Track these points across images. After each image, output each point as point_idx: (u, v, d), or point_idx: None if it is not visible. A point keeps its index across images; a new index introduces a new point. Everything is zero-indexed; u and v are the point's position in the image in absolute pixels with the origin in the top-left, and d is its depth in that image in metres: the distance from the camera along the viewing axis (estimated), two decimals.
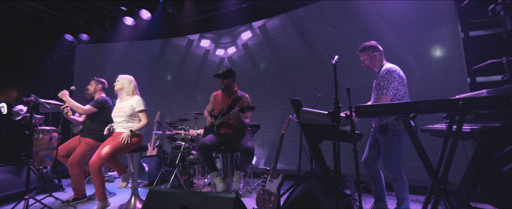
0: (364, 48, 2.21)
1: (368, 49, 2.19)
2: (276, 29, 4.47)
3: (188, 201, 1.80)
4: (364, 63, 2.24)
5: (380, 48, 2.20)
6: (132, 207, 2.65)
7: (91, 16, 4.68)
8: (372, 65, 2.20)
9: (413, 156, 2.21)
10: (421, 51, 3.12)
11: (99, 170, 2.53)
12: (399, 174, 2.01)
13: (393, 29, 3.32)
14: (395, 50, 3.27)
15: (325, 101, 3.57)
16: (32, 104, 2.65)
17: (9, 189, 2.95)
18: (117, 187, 3.51)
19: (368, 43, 2.20)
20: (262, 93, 4.48)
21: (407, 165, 2.85)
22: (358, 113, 1.65)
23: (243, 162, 2.42)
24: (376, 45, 2.20)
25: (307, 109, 2.09)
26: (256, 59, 4.64)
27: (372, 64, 2.20)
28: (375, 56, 2.18)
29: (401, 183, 2.01)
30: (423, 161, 1.55)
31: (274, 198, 2.27)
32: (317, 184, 2.14)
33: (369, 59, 2.20)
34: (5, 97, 6.90)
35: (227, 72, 2.68)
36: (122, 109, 2.68)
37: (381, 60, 2.19)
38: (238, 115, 2.38)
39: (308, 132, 2.26)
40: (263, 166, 4.25)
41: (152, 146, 4.45)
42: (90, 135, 2.90)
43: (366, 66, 2.24)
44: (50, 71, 5.87)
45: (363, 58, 2.23)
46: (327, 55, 3.89)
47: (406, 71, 2.18)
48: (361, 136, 2.17)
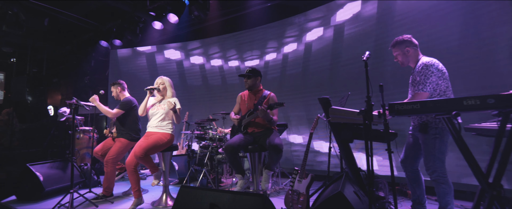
0: (396, 43, 2.09)
1: (400, 44, 2.07)
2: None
3: (218, 199, 1.83)
4: (397, 58, 2.11)
5: (414, 42, 2.06)
6: (163, 204, 2.76)
7: (123, 22, 4.97)
8: (405, 60, 2.08)
9: (458, 156, 2.04)
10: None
11: (135, 169, 2.66)
12: (442, 176, 1.85)
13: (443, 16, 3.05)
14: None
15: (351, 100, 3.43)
16: (74, 106, 2.87)
17: (57, 183, 3.24)
18: (149, 184, 3.67)
19: (400, 37, 2.08)
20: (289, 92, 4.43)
21: (453, 167, 2.67)
22: (392, 111, 1.56)
23: (271, 160, 2.41)
24: (410, 39, 2.06)
25: (337, 107, 2.03)
26: (287, 58, 4.59)
27: (405, 59, 2.07)
28: (408, 51, 2.05)
29: (445, 186, 1.85)
30: (470, 163, 1.42)
31: (303, 198, 2.23)
32: (348, 185, 2.06)
33: (401, 55, 2.07)
34: (51, 101, 7.58)
35: (251, 72, 2.68)
36: (161, 107, 2.81)
37: (415, 55, 2.06)
38: (266, 112, 2.37)
39: (338, 131, 2.19)
40: (289, 166, 4.21)
41: (181, 146, 4.60)
42: (123, 135, 3.07)
43: (399, 62, 2.11)
44: (88, 76, 6.33)
45: (396, 53, 2.11)
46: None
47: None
48: (396, 135, 2.05)
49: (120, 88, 3.26)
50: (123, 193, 3.29)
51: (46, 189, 3.05)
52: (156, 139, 2.66)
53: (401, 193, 2.86)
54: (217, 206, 1.81)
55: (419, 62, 1.97)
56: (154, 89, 2.82)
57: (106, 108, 3.03)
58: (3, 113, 7.79)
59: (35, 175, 3.03)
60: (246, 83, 2.71)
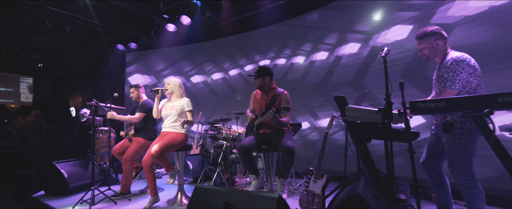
0: (424, 34, 1.89)
1: (429, 36, 1.86)
2: (314, 22, 4.31)
3: (232, 199, 1.82)
4: (422, 52, 1.93)
5: (444, 35, 1.88)
6: (178, 202, 2.79)
7: (138, 26, 5.10)
8: (432, 54, 1.89)
9: (491, 158, 1.90)
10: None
11: (151, 167, 2.71)
12: (470, 180, 1.70)
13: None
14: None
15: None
16: (93, 108, 2.98)
17: (80, 180, 3.40)
18: (165, 183, 3.74)
19: (429, 28, 1.88)
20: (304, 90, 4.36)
21: (485, 170, 2.49)
22: (413, 109, 1.48)
23: (284, 165, 2.35)
24: (440, 31, 1.87)
25: (354, 106, 1.95)
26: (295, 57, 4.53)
27: (432, 53, 1.89)
28: (438, 45, 1.85)
29: (474, 191, 1.69)
30: (507, 166, 1.30)
31: (318, 199, 2.17)
32: (366, 186, 1.98)
33: (429, 48, 1.88)
34: (73, 102, 7.95)
35: (258, 72, 2.63)
36: (173, 107, 2.84)
37: (444, 49, 1.87)
38: (275, 116, 2.32)
39: (355, 130, 2.11)
40: (304, 167, 4.14)
41: (195, 145, 4.66)
42: (140, 134, 3.17)
43: (424, 55, 1.93)
44: (106, 78, 6.57)
45: (422, 46, 1.91)
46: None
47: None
48: (418, 135, 1.93)
49: (141, 90, 3.39)
50: (140, 191, 3.37)
51: (70, 186, 3.21)
52: (171, 138, 2.70)
53: (424, 196, 2.70)
54: (232, 206, 1.79)
55: (447, 57, 1.81)
56: (158, 90, 2.86)
57: (128, 117, 3.16)
58: (32, 114, 8.28)
59: (60, 172, 3.20)
60: (255, 83, 2.68)
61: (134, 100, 3.38)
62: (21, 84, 7.98)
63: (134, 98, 3.36)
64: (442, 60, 1.87)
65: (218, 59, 5.56)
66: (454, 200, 2.01)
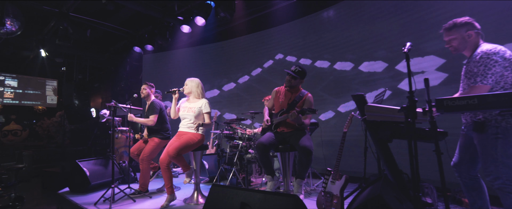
0: (454, 25, 1.74)
1: (460, 27, 1.72)
2: (330, 20, 4.22)
3: (248, 198, 1.80)
4: (450, 44, 1.78)
5: (477, 26, 1.72)
6: (195, 201, 2.81)
7: (153, 28, 5.21)
8: (461, 47, 1.74)
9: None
10: None
11: (168, 166, 2.75)
12: (510, 184, 1.54)
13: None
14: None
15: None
16: (112, 108, 3.07)
17: (101, 178, 3.53)
18: (181, 182, 3.79)
19: (460, 19, 1.74)
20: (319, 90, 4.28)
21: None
22: (440, 107, 1.39)
23: (301, 166, 2.30)
24: (472, 21, 1.72)
25: (374, 104, 1.87)
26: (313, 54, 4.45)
27: (462, 45, 1.74)
28: (470, 36, 1.70)
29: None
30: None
31: (336, 200, 2.11)
32: (388, 188, 1.89)
33: (459, 40, 1.73)
34: (94, 104, 8.30)
35: (299, 73, 2.56)
36: (190, 109, 2.86)
37: (476, 41, 1.71)
38: (298, 116, 2.27)
39: (375, 130, 2.03)
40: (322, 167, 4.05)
41: (211, 145, 4.69)
42: (155, 134, 3.23)
43: (452, 48, 1.78)
44: (123, 80, 6.78)
45: (450, 37, 1.76)
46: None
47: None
48: (446, 134, 1.80)
49: (152, 91, 3.44)
50: (157, 190, 3.43)
51: (92, 183, 3.33)
52: (187, 139, 2.72)
53: (454, 200, 2.50)
54: (248, 206, 1.77)
55: (477, 50, 1.67)
56: (175, 91, 2.90)
57: (144, 120, 3.22)
58: (56, 115, 8.71)
59: (83, 171, 3.33)
60: (289, 81, 2.59)
61: (143, 97, 3.42)
62: (47, 87, 8.41)
63: (144, 95, 3.40)
64: (472, 54, 1.73)
65: (233, 59, 5.57)
66: (492, 207, 1.85)
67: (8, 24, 4.16)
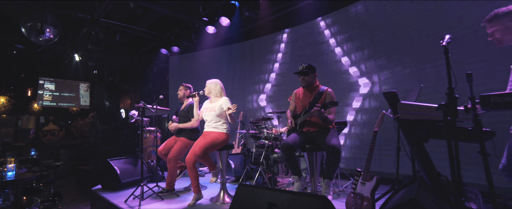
0: (495, 16, 1.67)
1: (501, 17, 1.63)
2: (358, 14, 4.09)
3: (275, 199, 1.78)
4: (493, 36, 1.69)
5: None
6: (221, 200, 2.84)
7: (179, 30, 5.36)
8: (506, 38, 1.65)
9: None
10: None
11: (194, 166, 2.81)
12: None
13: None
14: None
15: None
16: (141, 109, 3.20)
17: (130, 176, 3.67)
18: (207, 181, 3.86)
19: (503, 8, 1.65)
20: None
21: None
22: (487, 104, 1.29)
23: (329, 166, 2.24)
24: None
25: (408, 102, 1.77)
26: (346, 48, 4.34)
27: (506, 36, 1.64)
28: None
29: None
30: None
31: (367, 203, 2.03)
32: (425, 191, 1.78)
33: (502, 31, 1.64)
34: (123, 105, 8.73)
35: (308, 68, 2.55)
36: (212, 108, 2.92)
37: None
38: (321, 111, 2.23)
39: (409, 129, 1.92)
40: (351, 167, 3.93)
41: (237, 145, 4.72)
42: (184, 134, 3.30)
43: (496, 40, 1.69)
44: (151, 81, 7.05)
45: (493, 29, 1.68)
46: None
47: None
48: (493, 134, 1.65)
49: (189, 91, 3.55)
50: (184, 189, 3.52)
51: (122, 181, 3.48)
52: (213, 138, 2.76)
53: (506, 207, 2.25)
54: (275, 206, 1.75)
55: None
56: (194, 94, 3.02)
57: (189, 124, 3.30)
58: (89, 116, 9.31)
59: (114, 169, 3.49)
60: (303, 80, 2.58)
61: (179, 98, 3.53)
62: (80, 89, 9.00)
63: (180, 96, 3.51)
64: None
65: (258, 58, 5.56)
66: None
67: (47, 32, 4.50)
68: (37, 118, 8.64)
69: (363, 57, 3.97)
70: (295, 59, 4.90)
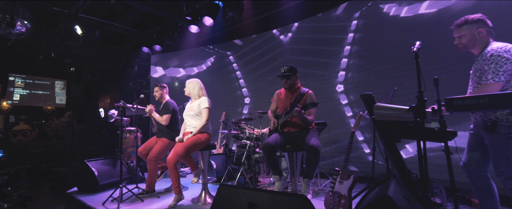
0: (465, 22, 1.74)
1: (471, 24, 1.71)
2: (339, 19, 4.21)
3: (256, 198, 1.81)
4: (460, 41, 1.78)
5: (489, 24, 1.72)
6: (203, 201, 2.83)
7: (162, 28, 5.27)
8: (471, 44, 1.74)
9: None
10: None
11: (175, 166, 2.78)
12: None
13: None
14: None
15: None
16: (121, 109, 3.11)
17: (109, 178, 3.55)
18: (189, 182, 3.82)
19: (472, 16, 1.74)
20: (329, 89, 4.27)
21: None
22: (450, 107, 1.38)
23: (309, 165, 2.31)
24: (484, 19, 1.71)
25: (383, 104, 1.87)
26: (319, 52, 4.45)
27: (471, 43, 1.74)
28: (480, 33, 1.70)
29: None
30: None
31: (344, 201, 2.11)
32: (397, 188, 1.88)
33: (468, 37, 1.73)
34: (102, 104, 8.41)
35: (289, 71, 2.61)
36: (191, 109, 2.92)
37: (486, 40, 1.72)
38: (301, 112, 2.29)
39: (383, 130, 2.02)
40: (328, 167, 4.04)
41: (219, 145, 4.71)
42: (164, 135, 3.25)
43: (462, 45, 1.78)
44: (132, 80, 6.86)
45: (460, 34, 1.76)
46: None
47: None
48: (455, 134, 1.80)
49: (164, 91, 3.47)
50: (165, 190, 3.46)
51: (100, 183, 3.36)
52: (195, 138, 2.75)
53: (464, 201, 2.49)
54: (256, 206, 1.78)
55: (487, 48, 1.66)
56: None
57: (159, 117, 3.26)
58: (65, 115, 8.88)
59: (91, 170, 3.36)
60: (286, 83, 2.64)
61: (157, 99, 3.46)
62: (56, 87, 8.58)
63: (157, 97, 3.43)
64: (481, 52, 1.72)
65: (241, 59, 5.59)
66: (503, 207, 1.84)
67: (18, 25, 4.25)
68: (6, 117, 8.13)
69: (342, 60, 4.10)
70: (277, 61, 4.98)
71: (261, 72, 5.23)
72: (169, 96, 3.49)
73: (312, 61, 4.48)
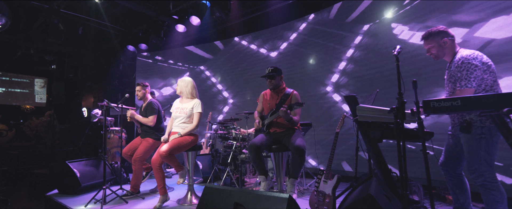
0: (429, 34, 1.90)
1: (435, 35, 1.88)
2: (325, 22, 4.28)
3: (242, 199, 1.81)
4: (430, 52, 1.93)
5: (451, 33, 1.88)
6: (188, 202, 2.81)
7: (148, 27, 5.17)
8: (441, 53, 1.89)
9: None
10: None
11: (160, 167, 2.74)
12: (491, 182, 1.65)
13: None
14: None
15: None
16: (105, 108, 3.04)
17: (92, 179, 3.46)
18: (175, 183, 3.78)
19: (434, 28, 1.90)
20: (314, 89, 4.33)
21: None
22: (427, 108, 1.45)
23: (294, 165, 2.34)
24: (446, 30, 1.88)
25: (365, 105, 1.93)
26: (306, 55, 4.50)
27: (440, 52, 1.88)
28: (445, 43, 1.85)
29: (495, 193, 1.64)
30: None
31: (328, 200, 2.15)
32: (378, 187, 1.95)
33: (437, 47, 1.88)
34: (85, 103, 8.13)
35: (274, 71, 2.64)
36: (182, 110, 2.86)
37: (452, 47, 1.86)
38: (287, 112, 2.33)
39: (366, 130, 2.09)
40: (315, 166, 4.11)
41: (205, 145, 4.68)
42: (149, 135, 3.19)
43: (433, 55, 1.93)
44: (117, 79, 6.69)
45: (429, 46, 1.92)
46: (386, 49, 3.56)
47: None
48: (432, 135, 1.89)
49: (147, 90, 3.38)
50: (150, 191, 3.41)
51: (82, 185, 3.27)
52: (180, 139, 2.72)
53: (439, 198, 2.64)
54: (242, 206, 1.79)
55: (457, 56, 1.79)
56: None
57: (145, 119, 3.19)
58: (45, 115, 8.52)
59: (73, 172, 3.27)
60: (270, 83, 2.67)
61: (139, 98, 3.38)
62: (36, 85, 8.23)
63: (140, 96, 3.35)
64: (452, 59, 1.85)
65: (228, 59, 5.57)
66: (473, 203, 1.96)
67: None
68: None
69: (332, 63, 4.19)
70: (266, 60, 5.01)
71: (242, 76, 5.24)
72: (150, 96, 3.43)
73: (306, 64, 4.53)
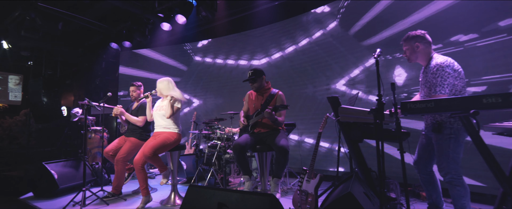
0: (408, 37, 2.02)
1: (410, 39, 2.00)
2: (312, 23, 4.36)
3: (226, 199, 1.82)
4: (405, 53, 2.07)
5: (427, 39, 1.98)
6: (172, 202, 2.78)
7: (132, 24, 5.04)
8: (413, 57, 2.02)
9: (477, 158, 1.95)
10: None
11: (142, 167, 2.69)
12: (457, 178, 1.78)
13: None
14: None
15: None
16: (86, 107, 2.94)
17: (71, 181, 3.33)
18: (158, 183, 3.71)
19: (413, 32, 2.01)
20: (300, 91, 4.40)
21: (470, 169, 2.57)
22: (404, 110, 1.52)
23: (278, 165, 2.37)
24: (423, 35, 1.98)
25: (347, 106, 1.99)
26: (291, 57, 4.56)
27: (413, 55, 2.01)
28: (417, 47, 1.97)
29: (460, 189, 1.78)
30: (490, 165, 1.36)
31: (311, 198, 2.20)
32: (358, 185, 2.02)
33: (410, 50, 2.01)
34: (65, 102, 7.81)
35: (254, 74, 2.65)
36: (161, 108, 2.84)
37: (426, 52, 1.98)
38: (271, 114, 2.35)
39: (347, 130, 2.15)
40: (298, 166, 4.17)
41: (189, 145, 4.63)
42: (134, 134, 3.13)
43: (407, 56, 2.06)
44: (99, 77, 6.47)
45: (405, 48, 2.05)
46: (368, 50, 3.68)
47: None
48: (408, 135, 1.99)
49: (141, 90, 3.36)
50: (132, 192, 3.34)
51: (60, 187, 3.14)
52: (164, 138, 2.69)
53: (414, 194, 2.79)
54: (225, 206, 1.80)
55: (433, 62, 1.89)
56: (147, 95, 2.90)
57: (135, 119, 3.12)
58: (20, 114, 8.10)
59: (50, 173, 3.13)
60: (253, 86, 2.69)
61: (133, 99, 3.33)
62: (9, 82, 7.80)
63: (134, 97, 3.31)
64: (428, 65, 1.95)
65: (213, 59, 5.55)
66: (444, 198, 2.08)
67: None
68: None
69: (319, 64, 4.27)
70: (251, 60, 5.02)
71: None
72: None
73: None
